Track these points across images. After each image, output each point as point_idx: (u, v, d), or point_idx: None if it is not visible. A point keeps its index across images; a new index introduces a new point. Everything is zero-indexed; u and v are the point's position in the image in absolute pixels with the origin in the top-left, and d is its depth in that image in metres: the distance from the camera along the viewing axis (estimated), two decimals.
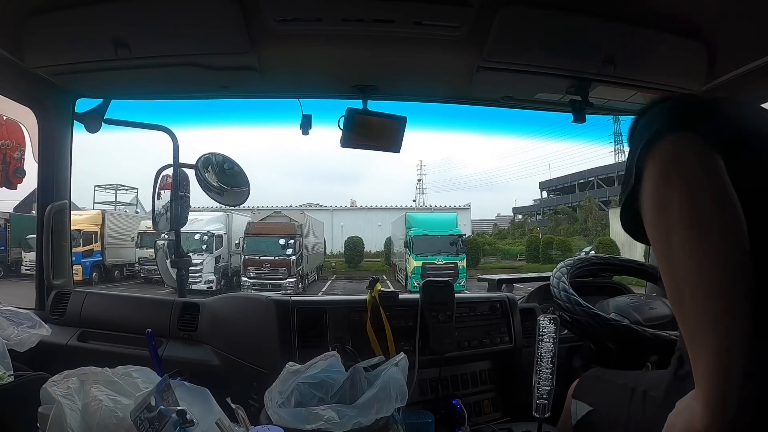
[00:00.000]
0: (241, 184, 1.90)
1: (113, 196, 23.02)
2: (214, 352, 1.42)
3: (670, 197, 0.60)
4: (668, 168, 0.62)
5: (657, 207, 0.62)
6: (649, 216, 0.64)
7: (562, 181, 32.60)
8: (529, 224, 31.84)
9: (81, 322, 1.55)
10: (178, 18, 1.22)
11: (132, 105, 1.78)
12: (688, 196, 0.59)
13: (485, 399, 1.49)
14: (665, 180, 0.62)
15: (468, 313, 1.48)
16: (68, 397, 0.77)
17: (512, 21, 1.21)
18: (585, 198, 28.06)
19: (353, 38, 1.31)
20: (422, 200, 30.85)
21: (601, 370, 1.19)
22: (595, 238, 22.31)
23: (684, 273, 0.58)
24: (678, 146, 0.63)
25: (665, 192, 0.61)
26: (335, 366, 1.04)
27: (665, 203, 0.61)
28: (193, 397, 0.88)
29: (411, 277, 14.60)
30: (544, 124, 9.99)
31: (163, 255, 1.90)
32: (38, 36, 1.26)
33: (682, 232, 0.58)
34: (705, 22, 1.24)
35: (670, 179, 0.61)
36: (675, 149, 0.63)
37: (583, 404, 1.10)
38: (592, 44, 1.29)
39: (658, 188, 0.62)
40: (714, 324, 0.55)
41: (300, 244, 14.84)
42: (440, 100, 1.78)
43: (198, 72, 1.42)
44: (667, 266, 0.61)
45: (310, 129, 1.65)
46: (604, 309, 1.39)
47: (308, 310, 1.36)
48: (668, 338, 1.21)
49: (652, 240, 0.65)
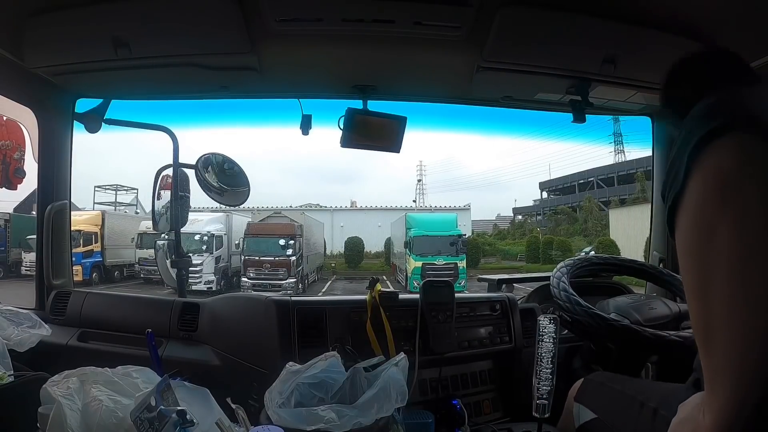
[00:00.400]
0: (241, 185, 1.90)
1: (113, 197, 23.00)
2: (214, 352, 1.42)
3: (715, 224, 0.51)
4: (717, 186, 0.52)
5: (699, 231, 0.53)
6: (686, 239, 0.55)
7: (562, 182, 32.62)
8: (529, 224, 31.83)
9: (81, 322, 1.55)
10: (178, 18, 1.22)
11: (132, 105, 1.78)
12: (741, 227, 0.49)
13: (485, 399, 1.49)
14: (713, 202, 0.52)
15: (468, 313, 1.48)
16: (68, 397, 0.77)
17: (512, 21, 1.21)
18: (585, 198, 28.08)
19: (353, 38, 1.31)
20: (422, 200, 30.85)
21: (606, 374, 1.19)
22: (595, 239, 22.33)
23: (722, 319, 0.51)
24: (732, 155, 0.52)
25: (711, 217, 0.51)
26: (335, 366, 1.04)
27: (710, 230, 0.51)
28: (193, 397, 0.88)
29: (411, 277, 14.59)
30: (544, 124, 9.98)
31: (163, 255, 1.89)
32: (38, 36, 1.26)
33: (726, 271, 0.50)
34: (705, 22, 1.24)
35: (717, 202, 0.51)
36: (728, 160, 0.52)
37: (586, 409, 1.09)
38: (592, 44, 1.29)
39: (704, 209, 0.53)
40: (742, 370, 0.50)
41: (300, 244, 14.84)
42: (440, 100, 1.79)
43: (198, 72, 1.42)
44: (697, 302, 0.54)
45: (310, 129, 1.65)
46: (604, 309, 1.39)
47: (308, 310, 1.36)
48: (668, 338, 1.21)
49: (685, 270, 0.56)
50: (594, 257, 1.64)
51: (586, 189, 29.85)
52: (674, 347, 1.21)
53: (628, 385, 1.05)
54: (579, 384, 1.19)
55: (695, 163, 0.54)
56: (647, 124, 1.84)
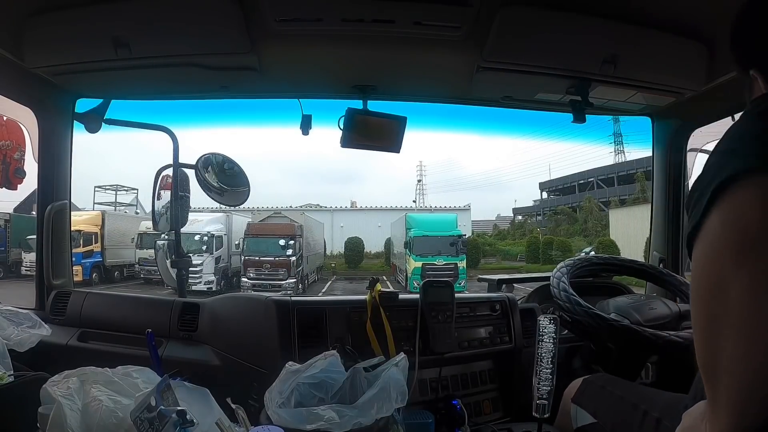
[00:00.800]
0: (241, 185, 1.90)
1: (113, 197, 23.00)
2: (214, 352, 1.42)
3: (729, 280, 0.47)
4: (734, 239, 0.47)
5: (710, 280, 0.50)
6: (699, 279, 0.52)
7: (562, 182, 32.63)
8: (529, 225, 31.86)
9: (81, 322, 1.55)
10: (179, 18, 1.22)
11: (132, 105, 1.78)
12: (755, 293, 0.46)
13: (485, 399, 1.49)
14: (728, 255, 0.48)
15: (468, 313, 1.48)
16: (68, 397, 0.77)
17: (512, 21, 1.21)
18: (585, 198, 28.10)
19: (353, 38, 1.31)
20: (422, 201, 30.88)
21: (606, 377, 1.19)
22: (595, 239, 22.34)
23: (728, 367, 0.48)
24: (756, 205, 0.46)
25: (724, 271, 0.48)
26: (335, 366, 1.04)
27: (722, 284, 0.48)
28: (193, 397, 0.88)
29: (411, 277, 14.60)
30: (544, 124, 9.96)
31: (163, 255, 1.89)
32: (38, 36, 1.26)
33: (734, 330, 0.47)
34: (705, 22, 1.24)
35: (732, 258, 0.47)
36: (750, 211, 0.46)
37: (584, 412, 1.09)
38: (592, 44, 1.29)
39: (717, 260, 0.49)
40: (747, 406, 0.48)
41: (300, 244, 14.84)
42: (440, 100, 1.79)
43: (198, 72, 1.42)
44: (703, 342, 0.52)
45: (310, 129, 1.65)
46: (604, 309, 1.39)
47: (308, 310, 1.36)
48: (668, 338, 1.21)
49: (695, 305, 0.52)
50: (594, 257, 1.64)
51: (586, 189, 29.87)
52: (674, 347, 1.21)
53: (629, 391, 1.04)
54: (577, 384, 1.18)
55: (715, 202, 0.49)
56: (647, 124, 1.84)
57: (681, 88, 1.46)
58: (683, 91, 1.48)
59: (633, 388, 1.07)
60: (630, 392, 1.03)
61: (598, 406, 1.07)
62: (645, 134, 1.89)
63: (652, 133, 1.85)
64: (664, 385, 1.10)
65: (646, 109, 1.76)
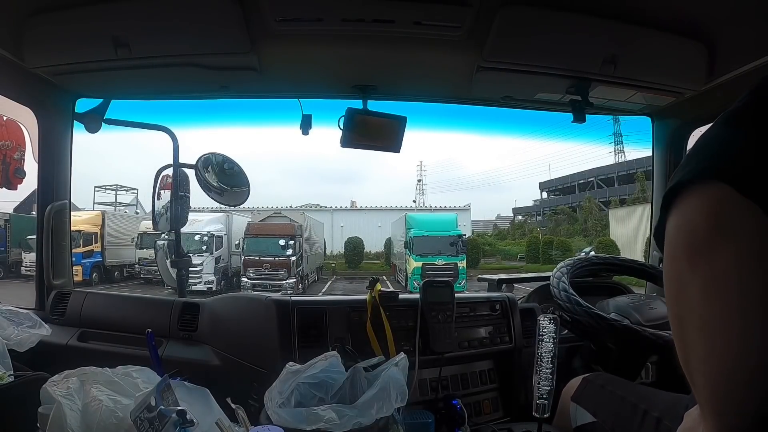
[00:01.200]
0: (241, 185, 1.90)
1: (113, 197, 22.99)
2: (214, 352, 1.42)
3: (686, 282, 0.48)
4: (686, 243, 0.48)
5: (672, 281, 0.51)
6: (665, 276, 0.52)
7: (562, 182, 32.64)
8: (529, 225, 31.85)
9: (81, 322, 1.55)
10: (178, 18, 1.22)
11: (132, 105, 1.78)
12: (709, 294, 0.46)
13: (485, 399, 1.49)
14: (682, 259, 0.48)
15: (468, 313, 1.48)
16: (68, 397, 0.77)
17: (512, 21, 1.21)
18: (585, 198, 28.10)
19: (353, 38, 1.31)
20: (422, 201, 30.89)
21: (605, 376, 1.19)
22: (595, 239, 22.34)
23: (697, 366, 0.49)
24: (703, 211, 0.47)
25: (682, 274, 0.48)
26: (335, 366, 1.04)
27: (681, 285, 0.49)
28: (193, 397, 0.88)
29: (411, 277, 14.60)
30: (544, 124, 9.96)
31: (163, 255, 1.90)
32: (38, 36, 1.26)
33: (697, 328, 0.48)
34: (705, 22, 1.24)
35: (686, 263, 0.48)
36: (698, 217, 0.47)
37: (583, 411, 1.08)
38: (592, 44, 1.29)
39: (674, 263, 0.50)
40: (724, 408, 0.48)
41: (300, 244, 14.84)
42: (440, 100, 1.78)
43: (198, 72, 1.42)
44: (677, 339, 0.52)
45: (310, 129, 1.65)
46: (604, 309, 1.39)
47: (308, 310, 1.36)
48: (668, 338, 1.21)
49: (667, 300, 0.54)
50: (594, 257, 1.64)
51: (586, 189, 29.87)
52: (674, 347, 1.21)
53: (630, 391, 1.04)
54: (576, 383, 1.18)
55: (670, 206, 0.50)
56: (647, 124, 1.84)
57: (681, 88, 1.46)
58: (683, 91, 1.48)
59: (633, 388, 1.07)
60: (630, 392, 1.03)
61: (598, 405, 1.07)
62: (645, 134, 1.89)
63: (652, 133, 1.85)
64: (664, 385, 1.10)
65: (645, 109, 1.76)
